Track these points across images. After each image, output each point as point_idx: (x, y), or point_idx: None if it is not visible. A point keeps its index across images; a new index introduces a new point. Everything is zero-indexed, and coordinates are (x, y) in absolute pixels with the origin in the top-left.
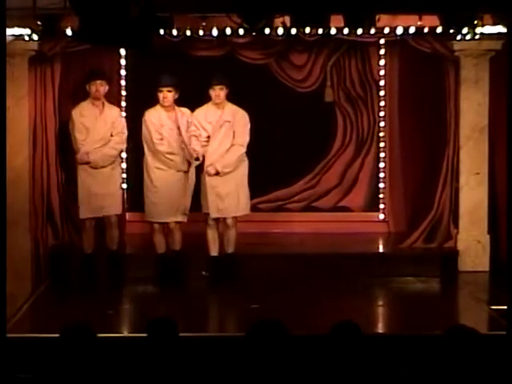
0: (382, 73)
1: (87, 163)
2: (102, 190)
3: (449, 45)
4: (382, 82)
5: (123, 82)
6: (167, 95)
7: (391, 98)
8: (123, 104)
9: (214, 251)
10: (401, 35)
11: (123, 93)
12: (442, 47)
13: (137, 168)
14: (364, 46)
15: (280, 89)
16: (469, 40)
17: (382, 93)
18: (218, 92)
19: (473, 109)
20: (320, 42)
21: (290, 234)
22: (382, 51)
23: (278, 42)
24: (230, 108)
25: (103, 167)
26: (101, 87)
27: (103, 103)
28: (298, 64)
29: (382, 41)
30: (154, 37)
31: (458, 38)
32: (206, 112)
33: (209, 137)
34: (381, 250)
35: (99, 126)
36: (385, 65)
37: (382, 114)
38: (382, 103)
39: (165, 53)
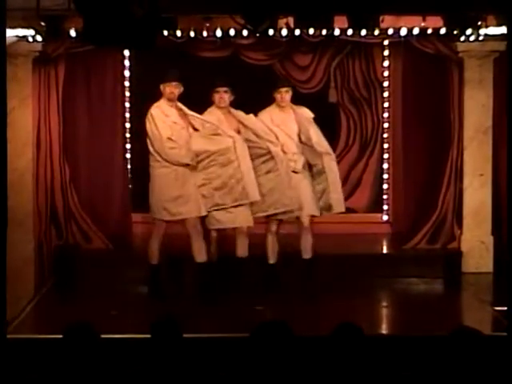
0: (385, 74)
1: (187, 165)
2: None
3: (453, 46)
4: (385, 83)
5: (127, 83)
6: (224, 96)
7: (395, 99)
8: (127, 105)
9: (274, 258)
10: (405, 36)
11: (127, 94)
12: (446, 48)
13: (141, 169)
14: (368, 47)
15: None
16: (473, 41)
17: (385, 94)
18: (285, 95)
19: (477, 110)
20: (324, 43)
21: (292, 234)
22: (386, 52)
23: (282, 43)
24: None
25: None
26: (176, 89)
27: (176, 105)
28: (302, 65)
29: (385, 42)
30: (158, 38)
31: (462, 39)
32: (270, 115)
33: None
34: (384, 250)
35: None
36: (389, 66)
37: (385, 115)
38: (386, 104)
39: (169, 54)
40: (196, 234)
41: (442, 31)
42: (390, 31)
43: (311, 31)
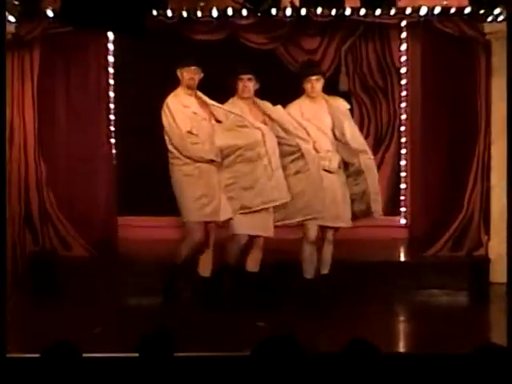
0: (403, 59)
1: (211, 161)
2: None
3: (479, 27)
4: (403, 69)
5: (111, 70)
6: (248, 84)
7: (413, 87)
8: (111, 94)
9: (312, 273)
10: (424, 16)
11: (111, 82)
12: (471, 29)
13: (128, 167)
14: (383, 28)
15: (288, 76)
16: (501, 21)
17: (403, 81)
18: (315, 84)
19: (506, 99)
20: (333, 24)
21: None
22: (404, 34)
23: (286, 25)
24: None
25: None
26: (196, 75)
27: (196, 94)
28: (309, 49)
29: (403, 23)
30: (146, 18)
31: (489, 19)
32: (300, 107)
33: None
34: (402, 258)
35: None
36: (406, 50)
37: (403, 105)
38: (404, 93)
39: (159, 36)
40: (193, 240)
41: (467, 10)
42: (408, 11)
43: (319, 10)
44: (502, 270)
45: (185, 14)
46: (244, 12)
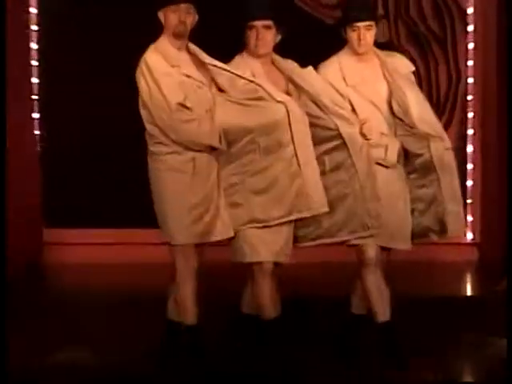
0: None
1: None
2: None
3: None
4: (469, 10)
5: (35, 27)
6: (265, 35)
7: (486, 37)
8: (34, 63)
9: (386, 313)
10: None
11: (33, 46)
12: None
13: (59, 156)
14: None
15: (301, 20)
16: None
17: (470, 28)
18: (364, 33)
19: None
20: None
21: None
22: None
23: None
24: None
25: None
26: (188, 17)
27: (188, 47)
28: None
29: None
30: None
31: None
32: (342, 68)
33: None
34: (468, 291)
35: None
36: None
37: (470, 63)
38: (471, 45)
39: None
40: (190, 270)
41: None
42: None
43: None
44: None
45: None
46: None
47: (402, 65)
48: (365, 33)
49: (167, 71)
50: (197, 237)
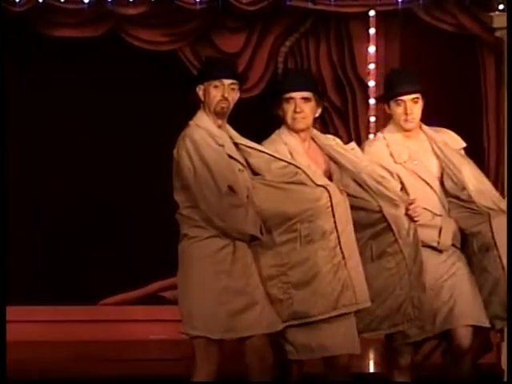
0: (371, 67)
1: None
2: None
3: (485, 19)
4: (371, 83)
5: None
6: (304, 108)
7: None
8: None
9: None
10: (404, 2)
11: None
12: (474, 23)
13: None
14: (341, 20)
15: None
16: None
17: (371, 101)
18: (411, 106)
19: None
20: (267, 14)
21: None
22: (372, 30)
23: (195, 15)
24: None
25: None
26: (232, 94)
27: (225, 126)
28: (229, 51)
29: (371, 12)
30: None
31: (501, 7)
32: (389, 144)
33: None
34: None
35: None
36: (376, 52)
37: (371, 136)
38: (372, 118)
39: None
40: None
41: None
42: None
43: None
44: None
45: None
46: None
47: (452, 140)
48: (411, 106)
49: (216, 149)
50: (229, 332)
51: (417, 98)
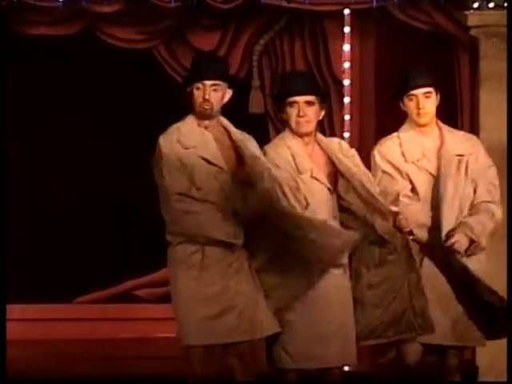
0: (346, 65)
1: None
2: None
3: (460, 17)
4: (346, 81)
5: None
6: (307, 112)
7: (363, 108)
8: None
9: None
10: (379, 0)
11: None
12: (448, 21)
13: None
14: (316, 18)
15: (173, 91)
16: (492, 9)
17: (346, 99)
18: (424, 101)
19: (498, 118)
20: (241, 13)
21: None
22: (347, 29)
23: (170, 13)
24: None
25: None
26: (216, 94)
27: (220, 126)
28: (204, 49)
29: (346, 10)
30: None
31: (476, 5)
32: (401, 144)
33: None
34: None
35: None
36: (351, 51)
37: (346, 134)
38: (347, 117)
39: None
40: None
41: None
42: None
43: None
44: None
45: None
46: None
47: (470, 140)
48: (423, 101)
49: (177, 154)
50: (212, 338)
51: (429, 92)
